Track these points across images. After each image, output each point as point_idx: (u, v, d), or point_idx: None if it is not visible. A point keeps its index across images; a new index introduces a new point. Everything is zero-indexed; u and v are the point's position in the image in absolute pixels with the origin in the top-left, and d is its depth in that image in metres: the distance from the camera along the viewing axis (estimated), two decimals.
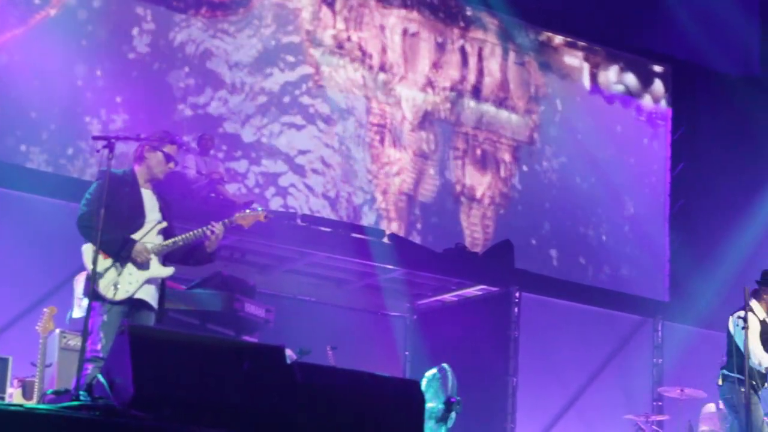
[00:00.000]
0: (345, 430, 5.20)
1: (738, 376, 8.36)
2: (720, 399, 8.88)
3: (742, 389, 8.29)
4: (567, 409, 13.11)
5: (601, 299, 13.65)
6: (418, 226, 13.26)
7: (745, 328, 8.20)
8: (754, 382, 8.27)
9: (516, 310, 12.30)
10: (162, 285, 6.66)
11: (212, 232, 6.60)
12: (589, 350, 13.35)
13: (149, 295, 6.52)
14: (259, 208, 7.13)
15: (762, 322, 8.45)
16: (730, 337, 8.54)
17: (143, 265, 6.47)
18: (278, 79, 12.62)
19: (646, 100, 15.41)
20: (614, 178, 14.81)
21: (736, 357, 8.37)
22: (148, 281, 6.51)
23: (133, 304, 6.46)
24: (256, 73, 12.52)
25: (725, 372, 8.49)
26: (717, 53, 15.36)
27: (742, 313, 8.27)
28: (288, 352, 7.31)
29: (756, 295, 8.57)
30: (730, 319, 8.56)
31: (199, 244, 6.66)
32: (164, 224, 6.67)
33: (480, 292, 12.71)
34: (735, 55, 15.48)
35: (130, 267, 6.44)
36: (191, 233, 6.60)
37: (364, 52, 13.26)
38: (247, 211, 6.95)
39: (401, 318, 13.33)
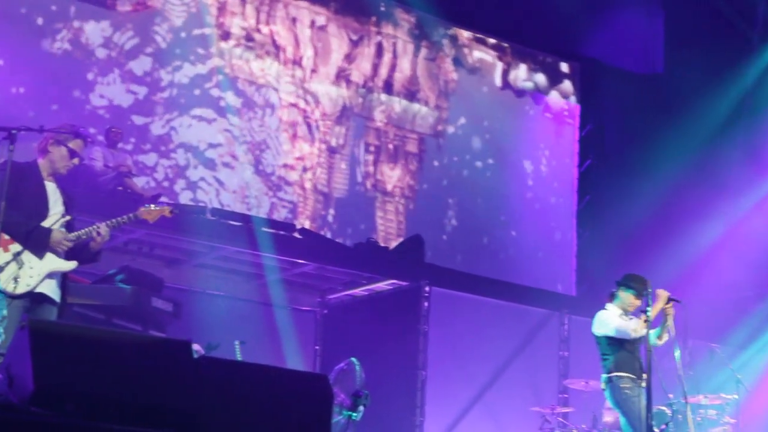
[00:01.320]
0: (252, 426, 5.18)
1: (615, 374, 8.63)
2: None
3: (621, 385, 8.57)
4: (475, 402, 13.23)
5: (509, 293, 13.80)
6: (330, 220, 13.27)
7: (647, 321, 8.42)
8: (633, 376, 8.55)
9: (426, 304, 12.37)
10: (64, 279, 6.57)
11: (98, 233, 6.53)
12: (497, 344, 13.49)
13: (51, 289, 6.42)
14: (166, 203, 7.07)
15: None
16: (597, 340, 8.84)
17: (60, 254, 6.41)
18: (188, 71, 12.49)
19: (555, 97, 15.65)
20: (523, 173, 15.03)
21: (612, 356, 8.67)
22: (50, 275, 6.41)
23: (35, 299, 6.35)
24: (165, 65, 12.37)
25: (604, 376, 8.76)
26: (623, 52, 15.68)
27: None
28: (195, 346, 7.26)
29: (612, 297, 8.87)
30: (595, 322, 8.86)
31: (86, 243, 6.58)
32: (68, 218, 6.58)
33: (390, 287, 12.77)
34: (640, 54, 15.82)
35: (31, 260, 6.33)
36: (83, 231, 6.52)
37: (275, 46, 13.20)
38: (152, 205, 6.88)
39: (311, 312, 13.33)
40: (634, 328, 8.59)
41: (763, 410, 14.49)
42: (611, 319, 8.69)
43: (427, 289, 12.43)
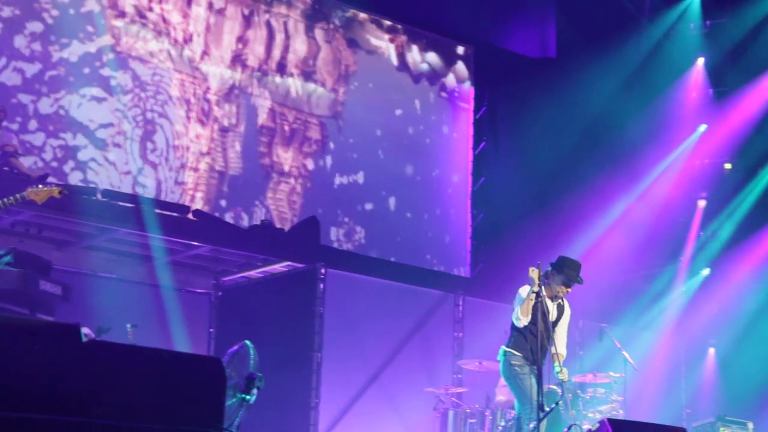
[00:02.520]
0: (145, 410, 5.11)
1: (510, 350, 8.82)
2: None
3: (512, 362, 8.77)
4: (370, 384, 13.31)
5: (404, 275, 13.90)
6: (224, 202, 13.12)
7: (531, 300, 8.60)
8: (522, 355, 8.74)
9: (321, 286, 12.37)
10: None
11: None
12: (393, 325, 13.58)
13: None
14: (54, 183, 6.90)
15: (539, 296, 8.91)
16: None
17: None
18: (76, 49, 12.16)
19: (450, 80, 15.74)
20: (419, 155, 15.09)
21: (512, 332, 8.88)
22: None
23: None
24: (53, 42, 12.02)
25: (501, 348, 8.98)
26: (517, 36, 15.86)
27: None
28: (85, 330, 7.10)
29: (545, 277, 9.01)
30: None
31: None
32: None
33: (286, 269, 12.73)
34: (533, 38, 16.02)
35: None
36: None
37: (168, 24, 12.96)
38: (40, 186, 6.72)
39: (206, 295, 13.21)
40: (518, 316, 8.78)
41: (650, 388, 14.91)
42: (517, 297, 8.86)
43: (322, 271, 12.43)
